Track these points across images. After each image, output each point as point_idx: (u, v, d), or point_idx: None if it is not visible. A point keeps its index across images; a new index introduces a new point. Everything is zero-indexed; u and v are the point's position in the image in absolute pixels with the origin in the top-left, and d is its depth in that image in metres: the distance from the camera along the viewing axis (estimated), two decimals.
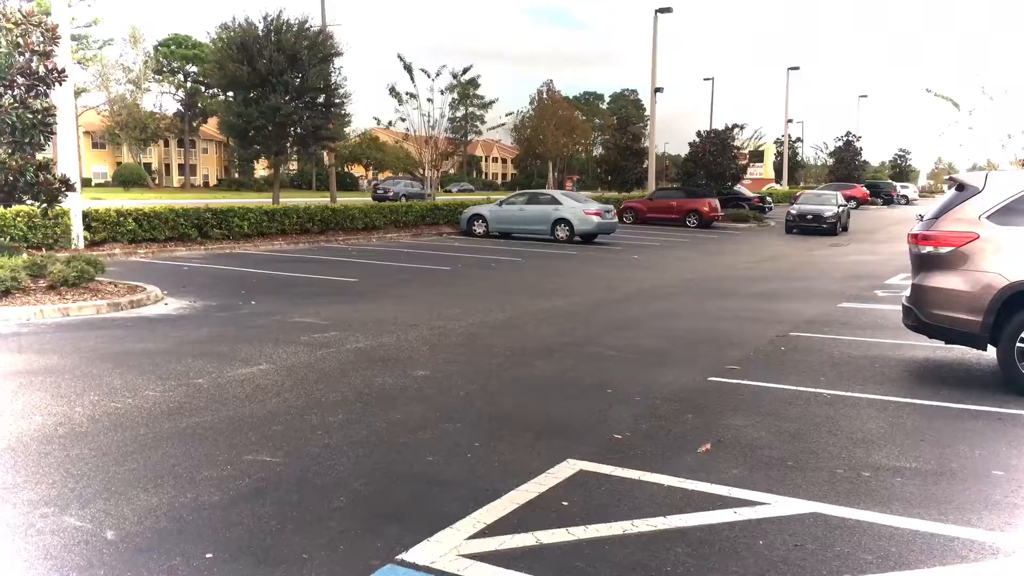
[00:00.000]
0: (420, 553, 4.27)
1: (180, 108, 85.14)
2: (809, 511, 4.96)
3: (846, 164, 77.08)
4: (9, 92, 12.84)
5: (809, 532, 4.67)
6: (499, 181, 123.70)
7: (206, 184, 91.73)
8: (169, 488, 5.08)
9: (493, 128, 76.20)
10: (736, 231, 38.35)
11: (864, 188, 67.19)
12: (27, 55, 13.02)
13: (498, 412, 7.07)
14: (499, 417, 6.90)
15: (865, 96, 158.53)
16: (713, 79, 64.47)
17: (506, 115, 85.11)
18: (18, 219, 16.87)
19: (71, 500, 4.84)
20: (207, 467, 5.47)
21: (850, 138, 79.00)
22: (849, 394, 7.94)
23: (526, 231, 28.34)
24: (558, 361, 9.24)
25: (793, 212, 36.35)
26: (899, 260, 20.56)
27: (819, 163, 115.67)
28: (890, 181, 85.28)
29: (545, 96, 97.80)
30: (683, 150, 51.83)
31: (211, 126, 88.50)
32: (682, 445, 6.25)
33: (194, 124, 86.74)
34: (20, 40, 12.82)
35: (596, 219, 27.78)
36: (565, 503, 5.01)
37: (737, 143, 49.43)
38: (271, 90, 26.37)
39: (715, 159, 45.33)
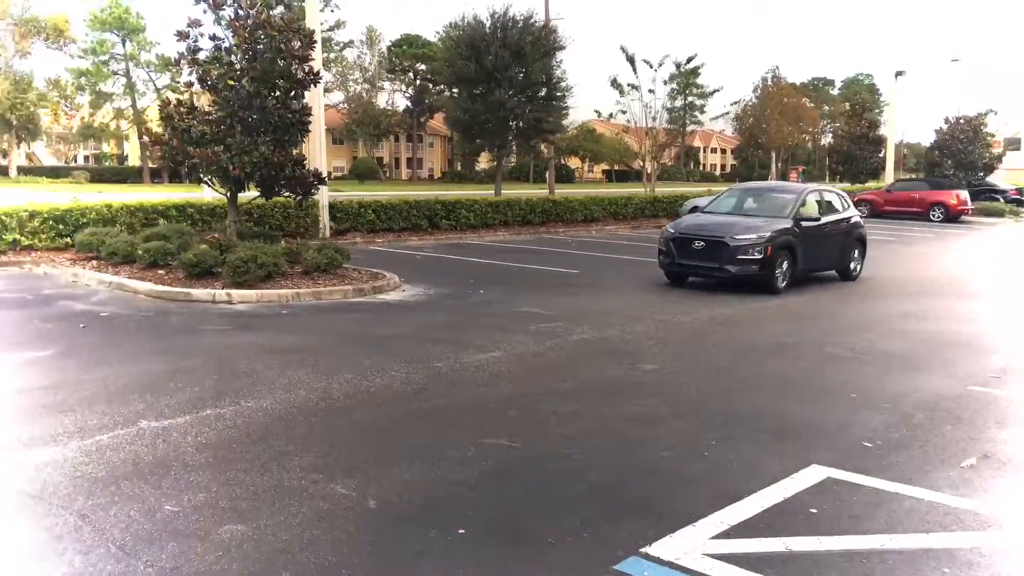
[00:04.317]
0: (664, 548, 4.24)
1: (409, 105, 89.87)
2: None
3: None
4: (272, 94, 14.12)
5: None
6: (717, 172, 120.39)
7: (431, 177, 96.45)
8: (420, 464, 5.38)
9: (716, 117, 74.14)
10: (988, 226, 34.91)
11: None
12: (287, 60, 14.25)
13: (732, 410, 6.88)
14: (733, 415, 6.71)
15: None
16: (959, 60, 58.99)
17: (731, 104, 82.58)
18: (275, 210, 18.56)
19: (336, 469, 5.26)
20: (452, 447, 5.74)
21: None
22: None
23: None
24: (791, 360, 8.85)
25: None
26: None
27: None
28: None
29: (770, 83, 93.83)
30: (921, 138, 47.87)
31: (437, 121, 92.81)
32: (942, 458, 5.78)
33: (421, 120, 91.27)
34: (282, 46, 14.04)
35: None
36: (814, 510, 4.78)
37: (989, 130, 44.97)
38: (496, 85, 27.23)
39: (964, 147, 41.48)
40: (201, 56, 14.11)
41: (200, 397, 6.77)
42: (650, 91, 36.84)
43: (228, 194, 14.71)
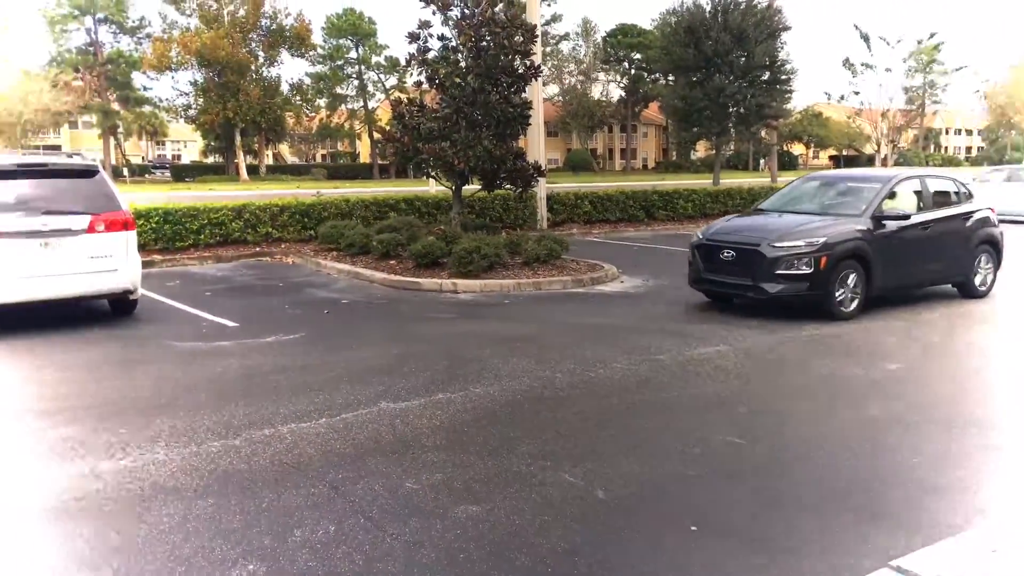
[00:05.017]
0: (918, 562, 3.90)
1: (623, 95, 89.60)
2: None
3: None
4: (495, 89, 14.54)
5: None
6: (962, 155, 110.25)
7: (644, 167, 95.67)
8: (647, 457, 5.32)
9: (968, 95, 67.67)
10: None
11: None
12: (510, 55, 14.61)
13: (988, 417, 6.24)
14: (988, 423, 6.09)
15: None
16: None
17: (983, 82, 75.23)
18: (496, 202, 19.15)
19: (563, 458, 5.31)
20: (678, 442, 5.62)
21: None
22: None
23: None
24: None
25: None
26: None
27: None
28: None
29: None
30: None
31: (651, 111, 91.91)
32: None
33: (635, 110, 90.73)
34: (505, 42, 14.42)
35: None
36: None
37: None
38: (715, 71, 26.49)
39: None
40: (430, 56, 14.81)
41: (432, 381, 7.10)
42: (887, 70, 34.33)
43: (453, 187, 15.34)
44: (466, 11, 14.54)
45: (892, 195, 10.59)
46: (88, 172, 9.77)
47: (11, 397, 6.73)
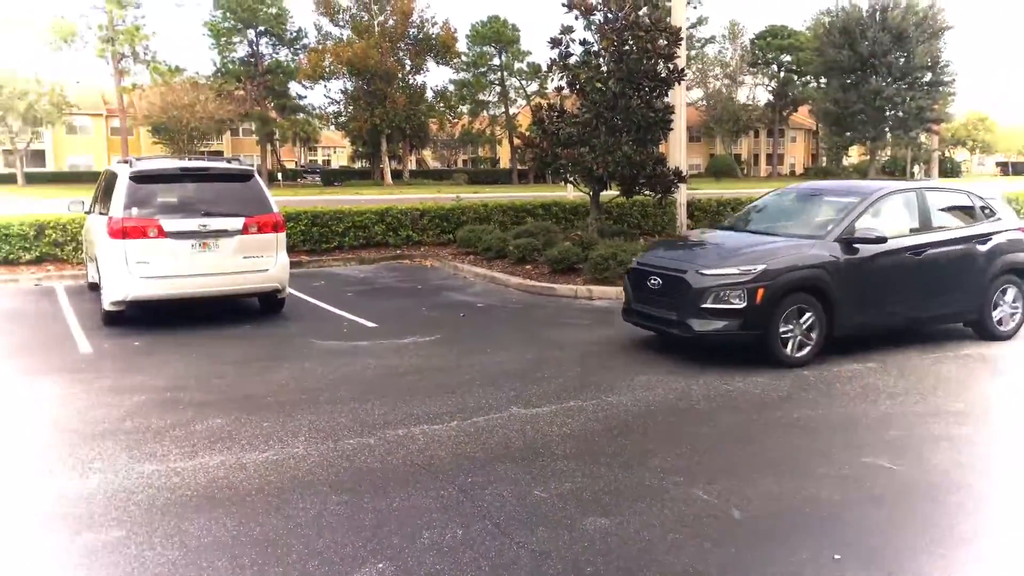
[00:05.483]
0: None
1: (771, 98, 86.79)
2: None
3: None
4: (637, 94, 14.34)
5: None
6: None
7: (792, 172, 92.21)
8: (787, 478, 5.05)
9: None
10: None
11: None
12: (653, 59, 14.37)
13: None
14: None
15: None
16: None
17: None
18: (634, 208, 18.88)
19: (697, 473, 5.12)
20: (822, 463, 5.31)
21: None
22: None
23: None
24: None
25: None
26: None
27: None
28: None
29: None
30: None
31: (800, 115, 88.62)
32: None
33: (783, 113, 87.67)
34: (648, 46, 14.19)
35: None
36: None
37: None
38: (871, 72, 25.18)
39: None
40: (571, 61, 14.78)
41: (564, 388, 7.03)
42: None
43: (590, 193, 15.24)
44: (609, 15, 14.43)
45: (872, 213, 8.38)
46: (244, 176, 10.30)
47: (166, 388, 7.15)
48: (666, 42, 14.24)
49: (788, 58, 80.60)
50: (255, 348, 8.77)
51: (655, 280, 8.29)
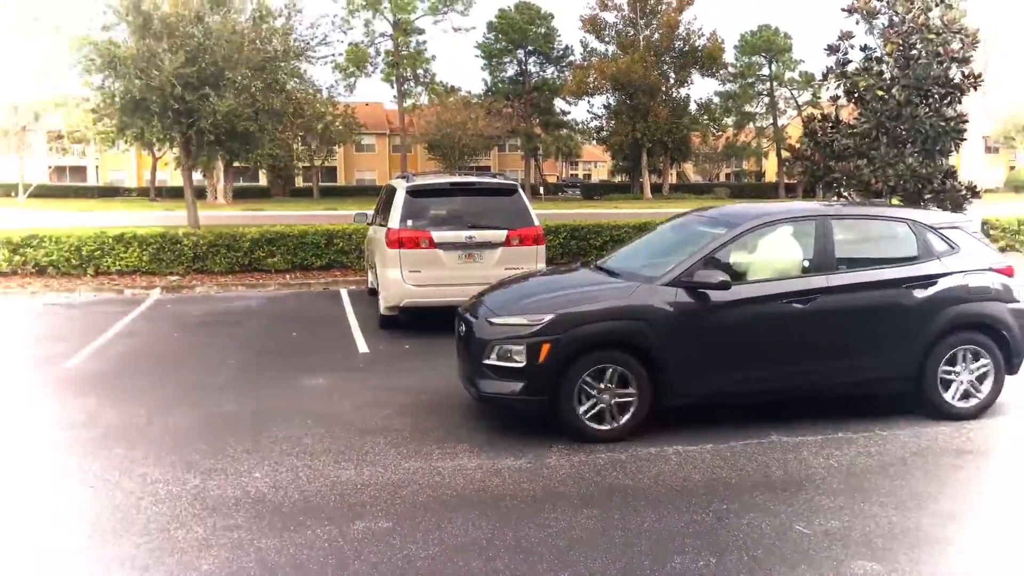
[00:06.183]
0: None
1: None
2: None
3: None
4: (924, 102, 13.14)
5: None
6: None
7: None
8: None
9: None
10: None
11: None
12: (944, 63, 13.10)
13: None
14: None
15: None
16: None
17: None
18: None
19: (982, 523, 4.53)
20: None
21: None
22: None
23: None
24: None
25: None
26: None
27: None
28: None
29: None
30: None
31: None
32: None
33: None
34: (939, 50, 12.96)
35: None
36: None
37: None
38: None
39: None
40: (849, 68, 13.86)
41: (829, 416, 6.53)
42: None
43: None
44: (895, 18, 13.37)
45: (745, 248, 6.52)
46: (508, 190, 10.70)
47: (433, 390, 7.55)
48: (960, 45, 12.93)
49: None
50: None
51: (462, 327, 6.75)
